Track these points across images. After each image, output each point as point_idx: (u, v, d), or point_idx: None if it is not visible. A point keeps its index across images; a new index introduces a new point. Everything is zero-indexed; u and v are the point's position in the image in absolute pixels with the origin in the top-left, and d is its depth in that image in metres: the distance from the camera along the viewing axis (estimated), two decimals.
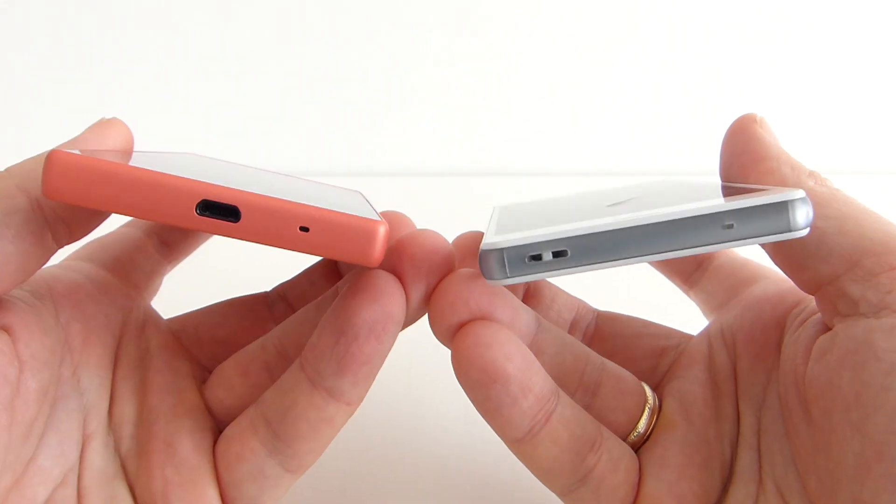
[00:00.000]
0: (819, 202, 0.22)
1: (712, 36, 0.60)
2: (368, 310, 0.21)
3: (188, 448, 0.23)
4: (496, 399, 0.21)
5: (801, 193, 0.19)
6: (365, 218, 0.18)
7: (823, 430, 0.21)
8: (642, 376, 0.27)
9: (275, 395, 0.23)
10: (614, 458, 0.23)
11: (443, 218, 0.56)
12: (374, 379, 0.22)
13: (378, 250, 0.18)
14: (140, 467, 0.23)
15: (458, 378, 0.22)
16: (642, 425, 0.25)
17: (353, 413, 0.22)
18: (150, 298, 0.29)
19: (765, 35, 0.60)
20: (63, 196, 0.17)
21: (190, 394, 0.25)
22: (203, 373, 0.27)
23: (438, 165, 0.63)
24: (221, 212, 0.17)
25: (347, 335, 0.21)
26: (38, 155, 0.21)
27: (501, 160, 0.63)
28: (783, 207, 0.18)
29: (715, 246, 0.18)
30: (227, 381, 0.25)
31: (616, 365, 0.26)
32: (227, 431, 0.24)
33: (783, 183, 0.22)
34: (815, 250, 0.21)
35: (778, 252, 0.23)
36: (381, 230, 0.18)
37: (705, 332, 0.27)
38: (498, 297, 0.23)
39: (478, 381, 0.21)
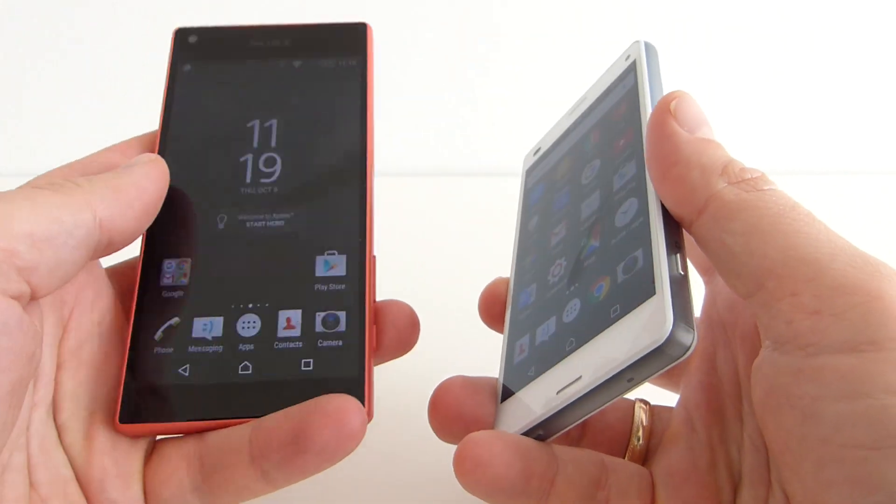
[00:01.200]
0: (726, 214, 0.20)
1: (715, 36, 0.60)
2: (327, 433, 0.22)
3: (126, 444, 0.24)
4: (508, 497, 0.23)
5: (665, 331, 0.19)
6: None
7: (778, 461, 0.20)
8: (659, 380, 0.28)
9: (218, 444, 0.24)
10: (623, 485, 0.24)
11: (442, 218, 0.56)
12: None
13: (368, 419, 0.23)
14: (83, 448, 0.23)
15: (469, 491, 0.23)
16: (640, 435, 0.26)
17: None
18: None
19: (764, 34, 0.60)
20: (136, 434, 0.24)
21: None
22: None
23: (438, 165, 0.63)
24: None
25: (300, 445, 0.22)
26: (112, 174, 0.25)
27: (501, 160, 0.63)
28: (659, 352, 0.20)
29: (633, 389, 0.21)
30: None
31: None
32: (165, 450, 0.24)
33: (693, 193, 0.21)
34: (728, 267, 0.21)
35: (711, 260, 0.22)
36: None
37: (707, 325, 0.27)
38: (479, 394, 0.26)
39: (490, 492, 0.22)
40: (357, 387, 0.24)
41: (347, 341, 0.25)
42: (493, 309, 0.30)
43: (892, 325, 0.17)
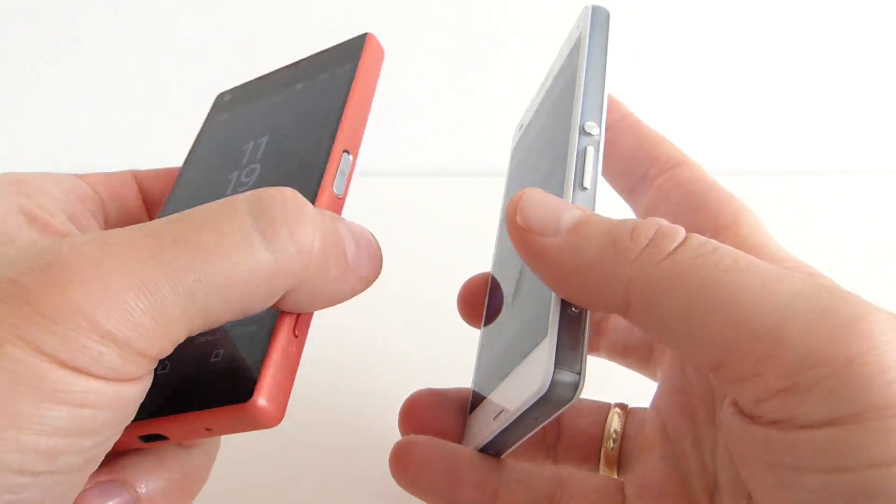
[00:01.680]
0: (651, 299, 0.19)
1: (715, 36, 0.60)
2: None
3: None
4: (440, 501, 0.24)
5: (546, 380, 0.19)
6: (240, 405, 0.20)
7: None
8: (638, 363, 0.28)
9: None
10: (580, 499, 0.23)
11: (442, 218, 0.56)
12: None
13: (268, 418, 0.20)
14: None
15: (403, 489, 0.24)
16: (614, 439, 0.26)
17: None
18: None
19: (764, 33, 0.60)
20: None
21: None
22: None
23: (438, 165, 0.63)
24: (156, 438, 0.22)
25: None
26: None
27: (501, 160, 0.63)
28: (545, 399, 0.19)
29: (544, 424, 0.21)
30: None
31: None
32: None
33: (606, 292, 0.19)
34: (679, 347, 0.19)
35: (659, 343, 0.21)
36: (260, 404, 0.20)
37: None
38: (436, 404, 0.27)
39: (416, 492, 0.24)
40: (251, 374, 0.21)
41: (261, 326, 0.22)
42: (469, 307, 0.30)
43: (868, 392, 0.16)
